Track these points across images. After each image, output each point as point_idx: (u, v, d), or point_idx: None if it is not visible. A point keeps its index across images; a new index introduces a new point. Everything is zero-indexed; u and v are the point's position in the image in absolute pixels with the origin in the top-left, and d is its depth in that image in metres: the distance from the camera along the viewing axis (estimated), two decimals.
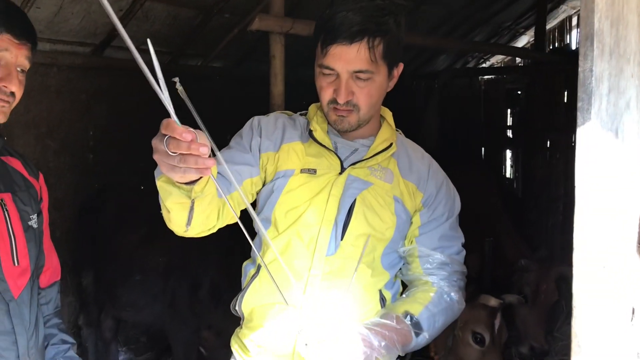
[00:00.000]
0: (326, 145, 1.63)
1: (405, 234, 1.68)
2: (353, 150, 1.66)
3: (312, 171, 1.62)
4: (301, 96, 3.77)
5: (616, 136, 0.80)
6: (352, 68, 1.50)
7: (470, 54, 7.25)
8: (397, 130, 1.76)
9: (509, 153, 7.08)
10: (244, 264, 1.74)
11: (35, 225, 1.52)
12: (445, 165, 1.80)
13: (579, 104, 0.75)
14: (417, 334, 1.54)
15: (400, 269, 1.74)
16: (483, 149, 6.81)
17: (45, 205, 1.60)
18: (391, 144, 1.66)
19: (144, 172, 5.17)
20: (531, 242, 4.48)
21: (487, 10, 6.09)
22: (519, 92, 6.90)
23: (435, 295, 1.62)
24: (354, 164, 1.62)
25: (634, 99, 0.83)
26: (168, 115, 1.01)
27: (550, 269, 3.98)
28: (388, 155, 1.66)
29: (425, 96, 6.69)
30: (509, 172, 7.10)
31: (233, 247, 2.89)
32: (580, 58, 0.75)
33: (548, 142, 6.11)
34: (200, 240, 3.01)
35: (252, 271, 1.67)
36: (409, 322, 1.54)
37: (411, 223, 1.67)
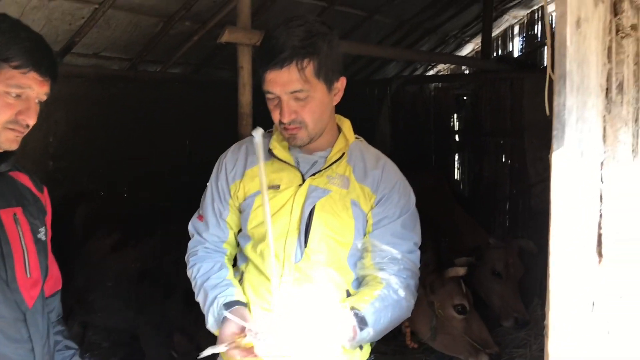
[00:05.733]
0: (286, 161, 1.79)
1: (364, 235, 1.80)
2: (313, 162, 1.81)
3: (276, 187, 1.77)
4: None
5: (581, 156, 0.98)
6: (288, 89, 1.64)
7: (419, 62, 7.51)
8: (357, 138, 1.89)
9: (457, 156, 7.36)
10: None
11: (43, 238, 1.59)
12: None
13: (554, 132, 0.92)
14: (361, 329, 1.61)
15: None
16: (433, 153, 7.06)
17: (49, 218, 1.67)
18: (343, 154, 1.80)
19: (103, 177, 5.12)
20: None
21: (435, 20, 6.35)
22: (465, 98, 7.20)
23: (382, 292, 1.68)
24: (313, 175, 1.77)
25: (594, 124, 1.00)
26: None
27: (511, 242, 4.19)
28: (343, 163, 1.80)
29: (378, 103, 6.89)
30: (457, 175, 7.38)
31: None
32: (555, 95, 0.91)
33: (494, 145, 6.40)
34: (173, 245, 3.08)
35: (237, 277, 1.84)
36: (355, 317, 1.60)
37: (367, 221, 1.78)
